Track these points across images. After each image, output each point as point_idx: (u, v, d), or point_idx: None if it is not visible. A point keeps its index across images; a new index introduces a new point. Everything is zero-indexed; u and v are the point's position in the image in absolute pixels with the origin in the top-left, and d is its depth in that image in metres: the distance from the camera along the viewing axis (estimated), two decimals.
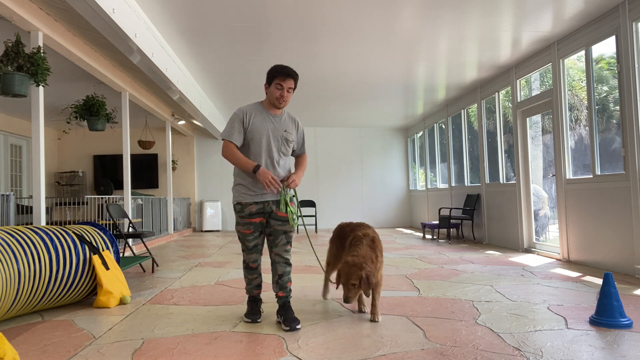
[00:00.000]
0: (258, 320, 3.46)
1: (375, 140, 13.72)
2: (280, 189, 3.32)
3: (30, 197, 8.39)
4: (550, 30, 5.92)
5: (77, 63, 5.91)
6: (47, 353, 2.80)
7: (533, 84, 7.75)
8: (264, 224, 3.42)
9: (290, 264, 3.46)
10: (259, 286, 3.55)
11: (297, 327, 3.24)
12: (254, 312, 3.50)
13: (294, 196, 3.50)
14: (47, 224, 6.19)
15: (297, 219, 3.47)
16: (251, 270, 3.52)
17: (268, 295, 4.10)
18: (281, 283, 3.41)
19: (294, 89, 3.42)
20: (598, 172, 5.58)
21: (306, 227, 3.58)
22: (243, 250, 3.50)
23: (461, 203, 9.63)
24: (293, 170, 3.55)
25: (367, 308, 3.69)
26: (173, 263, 6.66)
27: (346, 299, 3.29)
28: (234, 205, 3.43)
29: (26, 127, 10.55)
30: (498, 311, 3.58)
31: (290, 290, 3.46)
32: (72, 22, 5.09)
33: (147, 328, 3.32)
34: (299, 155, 3.64)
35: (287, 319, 3.28)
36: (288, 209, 3.35)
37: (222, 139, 3.39)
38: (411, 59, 7.12)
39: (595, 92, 5.74)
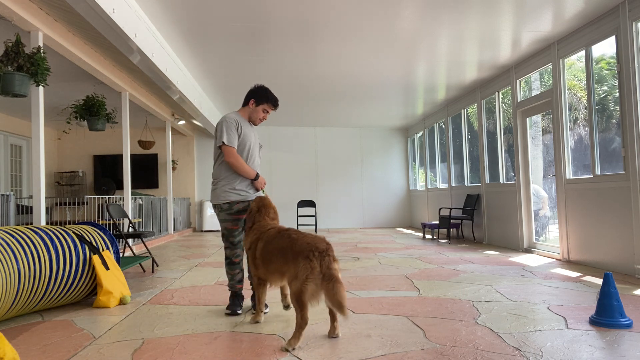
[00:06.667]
0: (238, 312, 3.65)
1: (375, 140, 13.72)
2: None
3: (30, 197, 8.38)
4: (550, 30, 5.92)
5: (77, 63, 5.91)
6: (47, 353, 2.80)
7: (533, 84, 7.75)
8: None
9: None
10: (241, 281, 3.80)
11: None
12: (234, 304, 3.70)
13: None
14: (47, 224, 6.19)
15: None
16: (234, 265, 3.78)
17: (270, 295, 4.09)
18: None
19: None
20: (598, 172, 5.58)
21: None
22: (227, 248, 3.77)
23: (461, 203, 9.63)
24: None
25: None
26: (173, 263, 6.66)
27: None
28: (221, 205, 3.71)
29: (26, 127, 10.54)
30: (498, 311, 3.58)
31: None
32: (72, 22, 5.09)
33: (147, 328, 3.32)
34: None
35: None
36: None
37: (224, 145, 3.63)
38: (411, 59, 7.12)
39: (595, 92, 5.75)
